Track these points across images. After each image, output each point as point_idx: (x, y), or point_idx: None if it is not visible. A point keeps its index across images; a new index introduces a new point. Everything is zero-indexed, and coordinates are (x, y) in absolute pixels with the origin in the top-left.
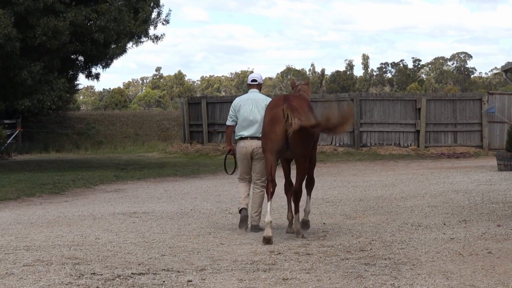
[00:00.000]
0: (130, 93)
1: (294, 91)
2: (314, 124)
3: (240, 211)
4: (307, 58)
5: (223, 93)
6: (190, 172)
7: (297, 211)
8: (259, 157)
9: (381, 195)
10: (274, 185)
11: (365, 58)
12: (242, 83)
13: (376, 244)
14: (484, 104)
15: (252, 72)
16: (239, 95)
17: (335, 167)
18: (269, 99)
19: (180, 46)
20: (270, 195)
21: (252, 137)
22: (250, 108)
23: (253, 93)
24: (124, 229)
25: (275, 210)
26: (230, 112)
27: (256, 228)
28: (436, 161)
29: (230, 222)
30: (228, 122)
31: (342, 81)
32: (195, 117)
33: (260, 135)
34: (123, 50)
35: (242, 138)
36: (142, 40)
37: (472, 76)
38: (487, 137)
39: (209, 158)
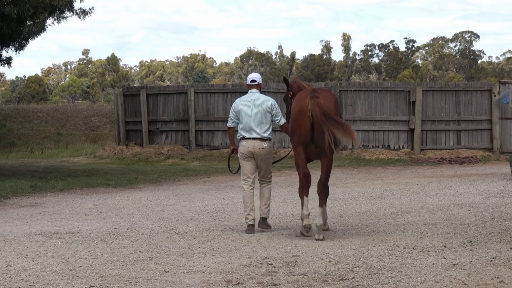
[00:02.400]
0: (50, 82)
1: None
2: (331, 122)
3: (248, 226)
4: (273, 38)
5: (168, 82)
6: (126, 182)
7: (321, 204)
8: (263, 158)
9: (366, 210)
10: (309, 178)
11: (346, 39)
12: (192, 69)
13: (359, 272)
14: (495, 96)
15: (204, 55)
16: (187, 84)
17: (312, 173)
18: (269, 99)
19: (113, 23)
20: (306, 189)
21: (255, 138)
22: (250, 109)
23: (253, 94)
24: (42, 254)
25: (291, 202)
26: (231, 114)
27: (265, 224)
28: (434, 168)
29: (177, 244)
30: (229, 124)
31: (317, 67)
32: (132, 112)
33: (260, 136)
34: (41, 28)
35: (244, 138)
36: (65, 15)
37: (479, 61)
38: (498, 138)
39: (150, 163)
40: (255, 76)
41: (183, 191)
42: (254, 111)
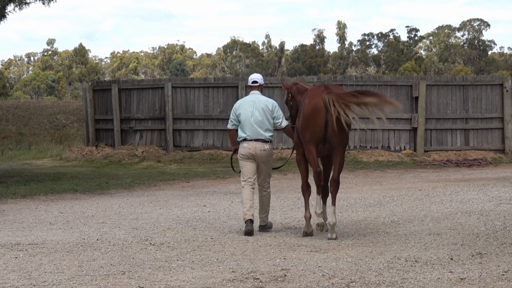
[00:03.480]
0: (11, 76)
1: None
2: (355, 100)
3: (245, 222)
4: (260, 27)
5: (143, 76)
6: (96, 187)
7: (334, 202)
8: (263, 160)
9: (364, 219)
10: (322, 176)
11: (341, 28)
12: (169, 61)
13: (356, 287)
14: (507, 91)
15: (183, 45)
16: (164, 78)
17: (299, 179)
18: (270, 101)
19: (81, 10)
20: (320, 187)
21: (256, 140)
22: (251, 110)
23: (254, 95)
24: (2, 267)
25: (280, 209)
26: (231, 116)
27: (264, 228)
28: (440, 171)
29: (152, 256)
30: (229, 126)
31: (309, 59)
32: (102, 109)
33: (261, 138)
34: (1, 15)
35: (245, 140)
36: (28, 1)
37: (489, 52)
38: (510, 138)
39: (123, 166)
40: (257, 77)
41: (160, 198)
42: (255, 112)
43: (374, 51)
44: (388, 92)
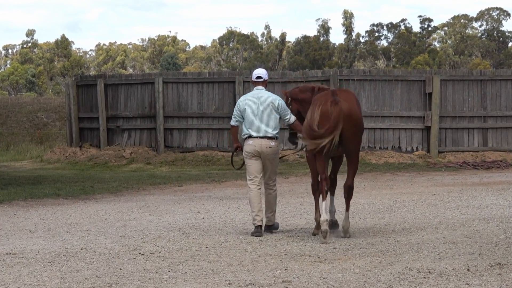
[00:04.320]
0: None
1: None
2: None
3: (255, 227)
4: (259, 17)
5: (131, 70)
6: (80, 192)
7: (348, 207)
8: (269, 158)
9: (372, 226)
10: (328, 182)
11: (348, 17)
12: (160, 54)
13: None
14: None
15: (175, 37)
16: (154, 73)
17: (302, 183)
18: (276, 97)
19: None
20: (325, 193)
21: (261, 137)
22: (256, 107)
23: (259, 91)
24: None
25: (281, 216)
26: (235, 112)
27: (271, 229)
28: (455, 174)
29: (142, 267)
30: (232, 122)
31: (313, 51)
32: (87, 106)
33: (267, 135)
34: None
35: (250, 137)
36: None
37: (510, 44)
38: None
39: (109, 169)
40: (261, 72)
41: (149, 203)
42: (260, 109)
43: (383, 43)
44: (399, 88)
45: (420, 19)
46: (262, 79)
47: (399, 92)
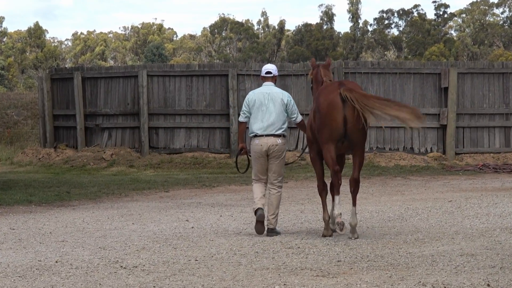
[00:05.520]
0: None
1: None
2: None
3: (255, 212)
4: (255, 2)
5: (112, 62)
6: (55, 198)
7: (354, 203)
8: (275, 155)
9: (381, 236)
10: (340, 175)
11: (354, 3)
12: (144, 44)
13: None
14: None
15: (161, 25)
16: (138, 65)
17: (302, 188)
18: (285, 94)
19: None
20: (338, 187)
21: (268, 135)
22: (266, 103)
23: (268, 87)
24: None
25: (279, 225)
26: (243, 108)
27: (273, 232)
28: (474, 178)
29: (124, 282)
30: (241, 119)
31: (315, 41)
32: (62, 102)
33: (274, 132)
34: None
35: (256, 136)
36: None
37: None
38: None
39: (87, 172)
40: (271, 67)
41: (132, 211)
42: (269, 105)
43: (394, 31)
44: (412, 81)
45: (435, 5)
46: (272, 75)
47: (411, 86)
